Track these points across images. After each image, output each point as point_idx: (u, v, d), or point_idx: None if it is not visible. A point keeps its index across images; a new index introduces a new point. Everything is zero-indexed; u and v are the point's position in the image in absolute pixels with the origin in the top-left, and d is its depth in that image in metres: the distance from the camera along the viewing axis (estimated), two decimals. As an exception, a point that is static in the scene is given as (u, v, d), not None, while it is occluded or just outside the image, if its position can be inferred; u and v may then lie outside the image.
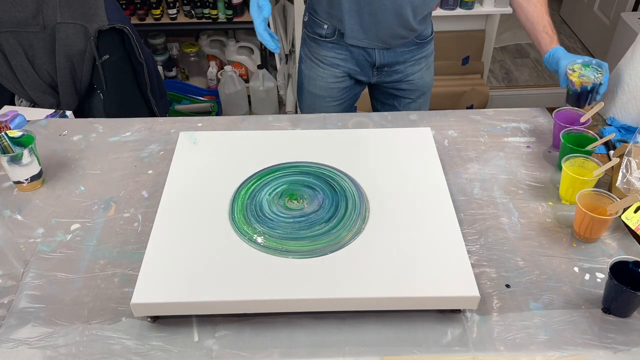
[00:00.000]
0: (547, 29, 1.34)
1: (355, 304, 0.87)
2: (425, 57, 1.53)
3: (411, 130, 1.21)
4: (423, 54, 1.51)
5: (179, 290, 0.86)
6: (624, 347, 0.86)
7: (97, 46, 1.56)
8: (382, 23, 1.36)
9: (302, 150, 1.14)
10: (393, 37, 1.41)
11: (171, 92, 2.68)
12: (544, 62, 1.35)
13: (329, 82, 1.52)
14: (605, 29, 3.16)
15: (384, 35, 1.39)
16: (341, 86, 1.53)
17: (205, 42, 2.73)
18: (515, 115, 1.36)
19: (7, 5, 1.50)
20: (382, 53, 1.45)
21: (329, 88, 1.53)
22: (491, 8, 2.56)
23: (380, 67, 1.48)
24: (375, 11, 1.34)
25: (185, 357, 0.85)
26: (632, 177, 1.07)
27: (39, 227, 1.06)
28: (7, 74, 1.59)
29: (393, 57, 1.46)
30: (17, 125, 1.31)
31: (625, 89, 1.31)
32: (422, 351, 0.85)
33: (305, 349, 0.86)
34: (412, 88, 1.55)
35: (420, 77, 1.55)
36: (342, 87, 1.53)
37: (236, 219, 0.99)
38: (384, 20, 1.35)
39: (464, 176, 1.18)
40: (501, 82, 3.12)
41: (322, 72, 1.51)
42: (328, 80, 1.51)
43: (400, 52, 1.46)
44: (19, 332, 0.88)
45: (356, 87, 1.57)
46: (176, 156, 1.13)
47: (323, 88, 1.53)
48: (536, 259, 1.00)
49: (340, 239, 0.95)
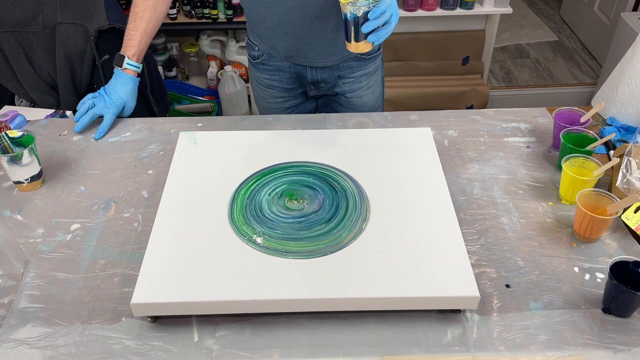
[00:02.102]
0: None
1: (355, 304, 0.87)
2: (367, 74, 1.41)
3: (411, 130, 1.21)
4: (364, 71, 1.40)
5: (179, 290, 0.86)
6: (624, 347, 0.86)
7: (97, 46, 1.56)
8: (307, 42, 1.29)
9: (302, 150, 1.14)
10: (322, 56, 1.33)
11: (171, 92, 2.69)
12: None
13: (271, 103, 1.49)
14: (605, 29, 3.16)
15: (312, 54, 1.33)
16: (284, 106, 1.48)
17: (205, 42, 2.74)
18: (515, 115, 1.36)
19: (7, 5, 1.50)
20: (314, 70, 1.38)
21: (273, 108, 1.49)
22: (491, 8, 2.56)
23: (316, 82, 1.41)
24: (296, 30, 1.27)
25: (185, 357, 0.85)
26: (632, 177, 1.07)
27: (39, 227, 1.06)
28: (7, 74, 1.59)
29: (328, 73, 1.39)
30: (17, 125, 1.31)
31: (625, 89, 1.31)
32: (422, 351, 0.85)
33: (305, 349, 0.86)
34: (351, 106, 1.45)
35: (358, 96, 1.43)
36: (287, 107, 1.48)
37: (235, 219, 0.98)
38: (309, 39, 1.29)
39: (464, 176, 1.18)
40: (501, 82, 3.12)
41: (263, 93, 1.48)
42: (269, 101, 1.49)
43: (335, 67, 1.38)
44: (19, 332, 0.88)
45: (308, 103, 1.49)
46: (176, 156, 1.13)
47: (269, 109, 1.50)
48: (536, 259, 1.00)
49: (340, 239, 0.95)
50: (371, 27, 1.01)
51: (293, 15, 1.24)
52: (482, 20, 2.66)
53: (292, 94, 1.46)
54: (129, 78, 1.32)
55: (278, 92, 1.46)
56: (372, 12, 1.00)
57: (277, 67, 1.40)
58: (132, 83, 1.33)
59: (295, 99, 1.48)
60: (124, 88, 1.32)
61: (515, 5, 3.41)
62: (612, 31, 2.93)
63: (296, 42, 1.30)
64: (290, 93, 1.46)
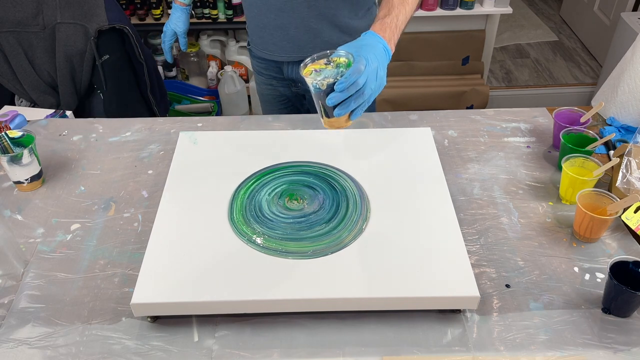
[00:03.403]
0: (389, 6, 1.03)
1: (355, 304, 0.87)
2: None
3: (411, 130, 1.21)
4: None
5: (179, 290, 0.86)
6: (624, 347, 0.86)
7: (97, 46, 1.56)
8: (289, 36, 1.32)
9: (302, 150, 1.14)
10: (284, 51, 1.35)
11: (171, 92, 2.69)
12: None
13: (263, 88, 1.54)
14: (605, 29, 3.16)
15: (273, 47, 1.35)
16: (275, 94, 1.51)
17: (205, 42, 2.74)
18: (515, 115, 1.36)
19: (7, 5, 1.50)
20: (292, 66, 1.39)
21: (264, 94, 1.55)
22: (491, 8, 2.56)
23: (293, 81, 1.42)
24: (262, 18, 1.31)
25: (185, 357, 0.85)
26: (632, 177, 1.07)
27: (39, 227, 1.06)
28: (7, 74, 1.59)
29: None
30: (17, 125, 1.31)
31: (625, 89, 1.31)
32: (422, 351, 0.85)
33: (305, 349, 0.86)
34: None
35: None
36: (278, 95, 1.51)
37: (235, 219, 0.98)
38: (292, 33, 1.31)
39: (464, 176, 1.18)
40: (501, 82, 3.12)
41: (258, 79, 1.54)
42: (262, 86, 1.54)
43: None
44: (19, 332, 0.88)
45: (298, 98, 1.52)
46: (176, 156, 1.13)
47: (262, 94, 1.56)
48: (536, 259, 0.99)
49: (341, 240, 0.95)
50: (336, 100, 0.88)
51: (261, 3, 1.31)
52: (482, 20, 2.66)
53: (281, 83, 1.49)
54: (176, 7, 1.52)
55: (266, 80, 1.50)
56: (338, 84, 0.86)
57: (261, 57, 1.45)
58: (178, 11, 1.52)
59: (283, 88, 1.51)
60: (175, 14, 1.53)
61: (515, 5, 3.41)
62: (612, 31, 2.93)
63: (260, 31, 1.36)
64: (280, 82, 1.49)
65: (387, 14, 1.00)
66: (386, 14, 1.00)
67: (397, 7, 1.01)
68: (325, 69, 0.90)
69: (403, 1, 1.03)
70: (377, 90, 0.92)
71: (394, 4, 1.02)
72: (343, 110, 0.89)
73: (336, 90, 0.87)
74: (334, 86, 0.87)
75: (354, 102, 0.89)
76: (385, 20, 0.99)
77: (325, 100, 0.88)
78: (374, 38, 0.95)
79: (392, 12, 1.00)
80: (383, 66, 0.93)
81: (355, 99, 0.88)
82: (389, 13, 1.00)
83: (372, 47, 0.93)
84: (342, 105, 0.89)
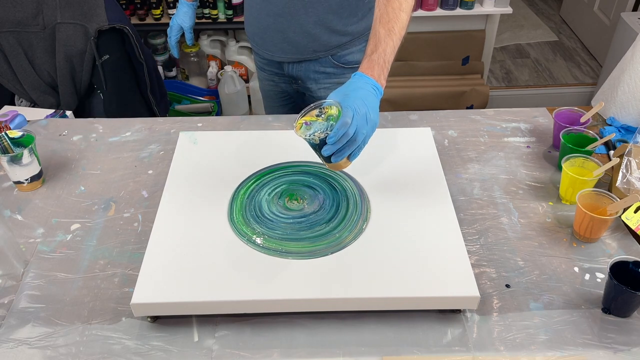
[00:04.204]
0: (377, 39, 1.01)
1: (355, 304, 0.87)
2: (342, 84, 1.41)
3: (411, 130, 1.21)
4: (341, 79, 1.37)
5: (179, 290, 0.86)
6: (624, 347, 0.86)
7: (97, 46, 1.56)
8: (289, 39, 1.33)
9: (302, 150, 1.14)
10: (283, 52, 1.37)
11: (171, 92, 2.69)
12: None
13: (265, 84, 1.56)
14: (605, 29, 3.16)
15: (273, 48, 1.38)
16: (277, 90, 1.53)
17: (205, 42, 2.73)
18: (515, 115, 1.36)
19: (7, 5, 1.50)
20: (292, 66, 1.41)
21: (266, 90, 1.57)
22: (491, 8, 2.56)
23: (294, 78, 1.44)
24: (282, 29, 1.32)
25: (185, 357, 0.85)
26: (632, 177, 1.07)
27: (39, 227, 1.06)
28: (7, 74, 1.59)
29: (303, 72, 1.41)
30: (17, 125, 1.31)
31: (625, 89, 1.31)
32: (422, 351, 0.85)
33: (305, 349, 0.86)
34: None
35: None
36: (280, 91, 1.53)
37: (235, 219, 0.98)
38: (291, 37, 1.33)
39: (464, 176, 1.18)
40: (501, 82, 3.12)
41: (260, 75, 1.56)
42: (264, 82, 1.56)
43: (312, 68, 1.39)
44: (19, 332, 0.88)
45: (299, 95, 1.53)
46: (176, 156, 1.13)
47: (264, 90, 1.58)
48: (536, 259, 1.00)
49: (341, 240, 0.95)
50: (330, 152, 0.91)
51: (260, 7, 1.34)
52: (482, 20, 2.66)
53: (283, 80, 1.50)
54: (182, 2, 1.55)
55: (268, 75, 1.52)
56: (329, 139, 0.89)
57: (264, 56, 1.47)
58: (185, 6, 1.55)
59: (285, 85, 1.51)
60: (182, 9, 1.55)
61: (515, 5, 3.41)
62: (612, 31, 2.93)
63: (261, 32, 1.38)
64: (281, 79, 1.50)
65: (374, 50, 0.99)
66: (373, 50, 0.99)
67: (383, 41, 0.99)
68: (316, 121, 0.93)
69: (389, 32, 1.00)
70: (370, 133, 0.93)
71: (380, 38, 1.00)
72: (339, 158, 0.93)
73: (328, 143, 0.90)
74: (325, 139, 0.90)
75: (349, 149, 0.92)
76: (372, 57, 0.98)
77: (321, 152, 0.92)
78: (361, 80, 0.95)
79: (378, 47, 0.98)
80: (373, 107, 0.93)
81: (349, 146, 0.91)
82: (375, 49, 0.98)
83: (360, 92, 0.93)
84: (337, 154, 0.92)
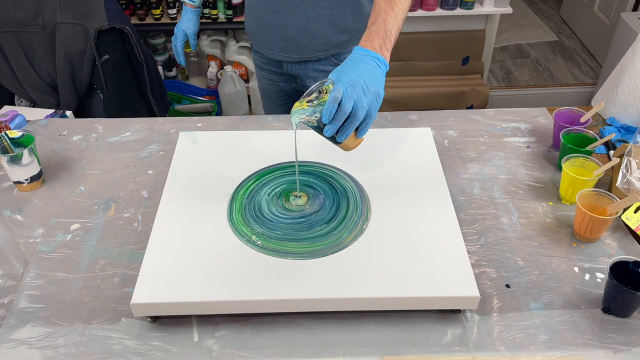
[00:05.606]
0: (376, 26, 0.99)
1: (355, 304, 0.87)
2: None
3: (411, 130, 1.21)
4: None
5: (179, 290, 0.86)
6: (624, 347, 0.86)
7: (97, 46, 1.56)
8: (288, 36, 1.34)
9: (302, 150, 1.14)
10: (283, 51, 1.38)
11: (171, 92, 2.69)
12: None
13: (264, 83, 1.56)
14: (605, 29, 3.16)
15: (273, 46, 1.38)
16: (275, 89, 1.54)
17: (205, 42, 2.73)
18: (515, 115, 1.36)
19: (7, 5, 1.50)
20: (292, 64, 1.41)
21: (265, 89, 1.58)
22: (491, 8, 2.56)
23: (293, 77, 1.45)
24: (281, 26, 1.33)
25: (185, 357, 0.85)
26: (632, 177, 1.07)
27: (39, 227, 1.06)
28: (7, 74, 1.59)
29: (303, 70, 1.42)
30: (17, 125, 1.31)
31: (625, 89, 1.31)
32: (422, 351, 0.85)
33: (305, 349, 0.86)
34: None
35: None
36: (279, 90, 1.54)
37: (234, 219, 0.98)
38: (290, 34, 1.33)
39: (464, 176, 1.18)
40: (501, 82, 3.12)
41: (259, 74, 1.57)
42: (263, 81, 1.57)
43: (311, 67, 1.40)
44: (19, 332, 0.88)
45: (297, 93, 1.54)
46: (176, 156, 1.13)
47: (262, 89, 1.59)
48: (536, 259, 0.99)
49: (341, 240, 0.95)
50: (332, 131, 0.89)
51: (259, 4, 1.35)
52: (482, 20, 2.67)
53: (281, 78, 1.50)
54: (186, 9, 1.60)
55: (267, 74, 1.52)
56: (323, 116, 0.87)
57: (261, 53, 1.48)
58: (189, 13, 1.61)
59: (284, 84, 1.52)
60: (185, 16, 1.62)
61: (515, 5, 3.41)
62: (612, 31, 2.93)
63: (261, 31, 1.39)
64: (280, 78, 1.50)
65: (373, 22, 0.97)
66: (372, 22, 0.97)
67: (383, 12, 0.97)
68: (307, 108, 0.90)
69: (390, 4, 0.98)
70: (374, 105, 0.90)
71: (380, 10, 0.98)
72: (343, 136, 0.90)
73: (323, 122, 0.87)
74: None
75: (351, 125, 0.89)
76: (371, 29, 0.96)
77: (325, 133, 0.90)
78: (359, 54, 0.93)
79: (378, 19, 0.97)
80: (372, 79, 0.89)
81: (350, 122, 0.88)
82: (375, 21, 0.97)
83: (357, 66, 0.90)
84: (340, 132, 0.89)
